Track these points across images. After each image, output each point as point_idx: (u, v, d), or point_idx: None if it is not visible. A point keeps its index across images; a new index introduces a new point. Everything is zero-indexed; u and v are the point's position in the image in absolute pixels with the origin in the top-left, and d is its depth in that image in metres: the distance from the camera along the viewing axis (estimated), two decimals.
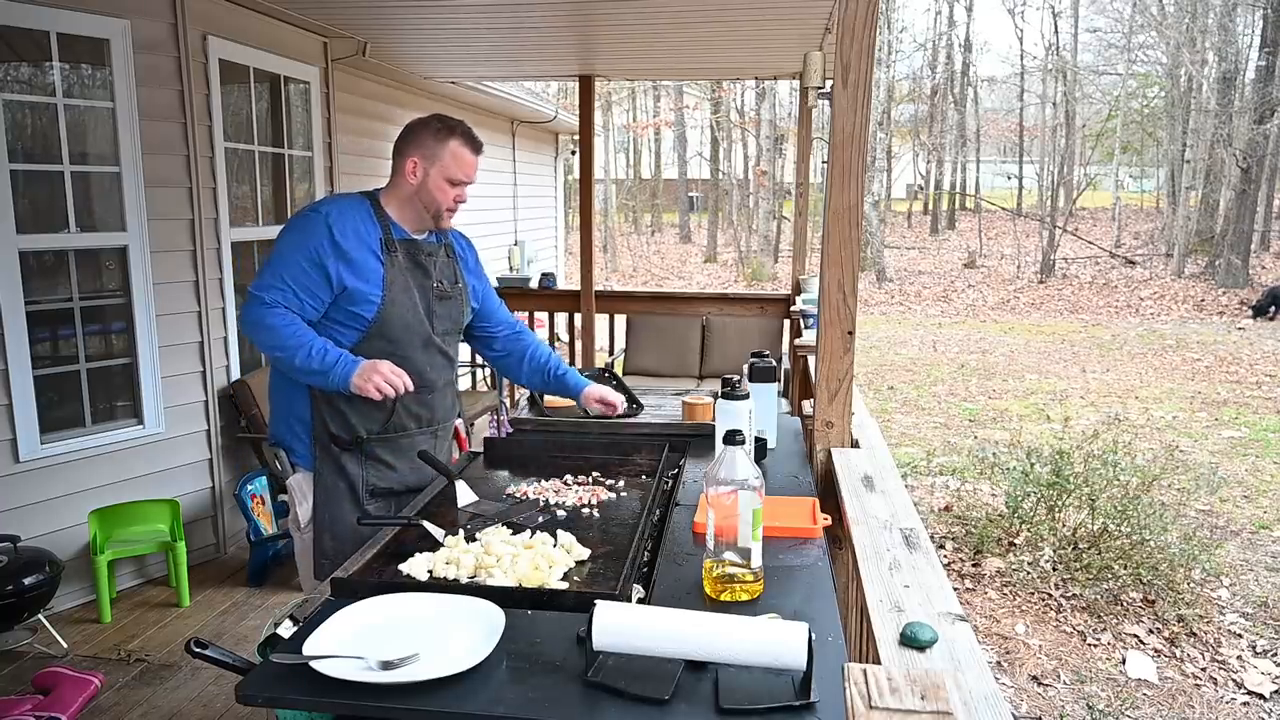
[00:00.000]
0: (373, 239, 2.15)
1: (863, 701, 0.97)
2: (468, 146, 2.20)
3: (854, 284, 2.17)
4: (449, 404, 2.43)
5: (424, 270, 2.25)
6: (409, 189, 2.20)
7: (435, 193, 2.18)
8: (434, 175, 2.17)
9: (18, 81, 3.58)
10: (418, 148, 2.18)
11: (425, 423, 2.32)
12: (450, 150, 2.17)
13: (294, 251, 2.10)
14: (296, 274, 2.08)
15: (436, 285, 2.27)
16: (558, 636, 1.31)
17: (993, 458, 5.41)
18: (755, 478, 1.45)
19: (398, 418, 2.23)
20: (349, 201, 2.21)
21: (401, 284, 2.18)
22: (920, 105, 25.74)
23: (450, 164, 2.17)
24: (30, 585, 3.23)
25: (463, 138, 2.19)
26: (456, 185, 2.20)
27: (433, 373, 2.29)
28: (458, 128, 2.20)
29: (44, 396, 3.55)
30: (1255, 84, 17.22)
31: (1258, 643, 3.84)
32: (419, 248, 2.25)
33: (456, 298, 2.34)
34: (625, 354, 6.17)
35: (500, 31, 4.88)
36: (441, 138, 2.17)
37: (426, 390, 2.28)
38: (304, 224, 2.13)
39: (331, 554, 2.19)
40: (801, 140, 5.92)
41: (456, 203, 2.22)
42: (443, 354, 2.32)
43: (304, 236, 2.11)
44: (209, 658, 1.30)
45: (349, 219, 2.14)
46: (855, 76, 2.08)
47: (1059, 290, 17.20)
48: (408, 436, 2.28)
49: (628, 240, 26.12)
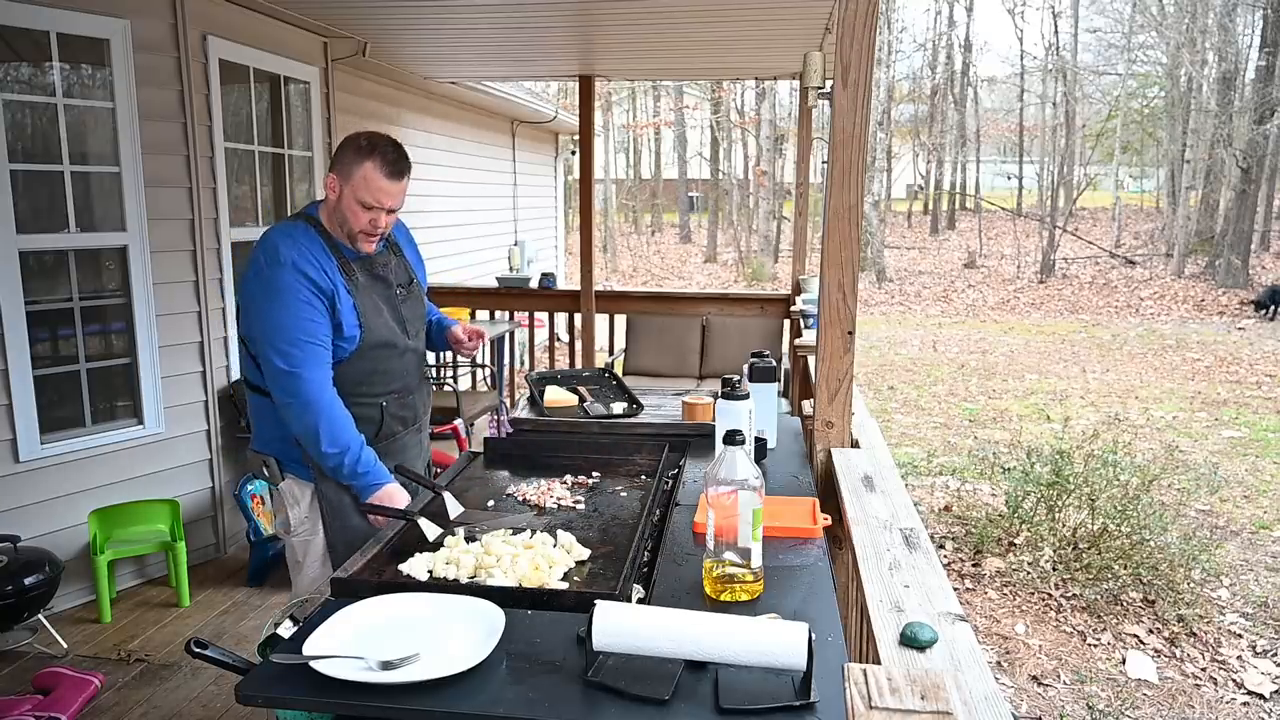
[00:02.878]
0: (333, 270, 2.09)
1: (863, 701, 0.97)
2: (383, 170, 2.05)
3: (854, 284, 2.17)
4: (426, 399, 2.47)
5: (384, 281, 2.22)
6: (332, 206, 2.13)
7: (348, 214, 2.08)
8: (346, 195, 2.07)
9: (18, 81, 3.58)
10: (338, 164, 2.09)
11: (410, 423, 2.34)
12: (363, 172, 2.04)
13: (294, 307, 2.02)
14: (309, 325, 2.02)
15: (398, 291, 2.26)
16: (558, 636, 1.31)
17: (993, 458, 5.41)
18: (755, 478, 1.45)
19: (387, 426, 2.25)
20: (297, 235, 2.11)
21: (371, 306, 2.16)
22: (920, 105, 25.74)
23: (360, 186, 2.05)
24: (30, 585, 3.23)
25: (380, 160, 2.05)
26: (370, 210, 2.07)
27: (411, 374, 2.32)
28: (379, 148, 2.07)
29: (44, 396, 3.54)
30: (1255, 84, 17.23)
31: (1258, 643, 3.84)
32: (373, 262, 2.20)
33: (416, 294, 2.34)
34: (625, 354, 6.17)
35: (500, 31, 4.88)
36: (359, 157, 2.06)
37: (406, 392, 2.30)
38: (280, 279, 2.03)
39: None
40: (801, 140, 5.92)
41: (374, 227, 2.10)
42: (416, 353, 2.33)
43: (291, 290, 2.02)
44: (209, 658, 1.30)
45: (309, 259, 2.06)
46: (855, 76, 2.08)
47: (1059, 290, 17.20)
48: (397, 440, 2.30)
49: (628, 240, 26.13)
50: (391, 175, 2.07)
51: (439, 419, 4.85)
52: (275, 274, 2.04)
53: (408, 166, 2.12)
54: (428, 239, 7.17)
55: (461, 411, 4.89)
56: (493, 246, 8.96)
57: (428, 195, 7.32)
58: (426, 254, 2.57)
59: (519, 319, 6.84)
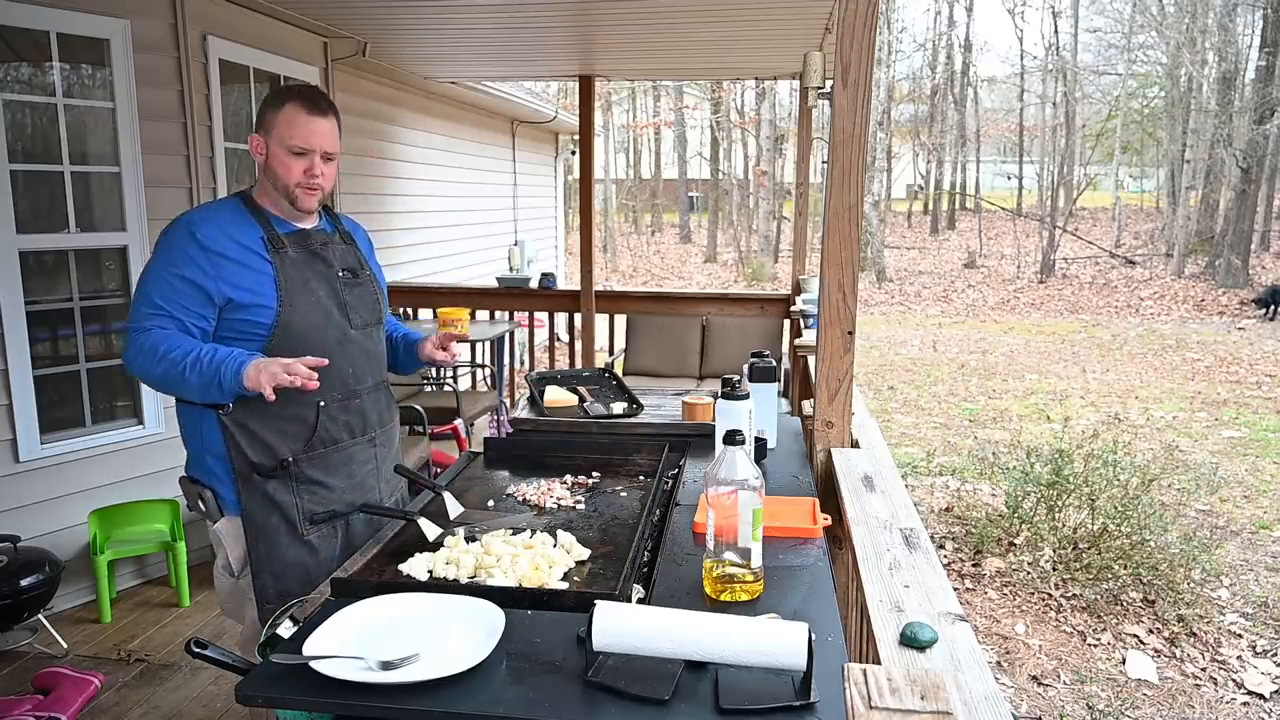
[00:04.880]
0: (252, 239, 1.94)
1: (863, 701, 0.97)
2: (304, 107, 1.94)
3: (854, 284, 2.17)
4: (384, 406, 2.19)
5: (323, 260, 2.04)
6: (261, 171, 2.00)
7: (278, 168, 1.95)
8: (273, 148, 1.95)
9: (18, 81, 3.58)
10: (259, 122, 1.98)
11: (358, 431, 2.09)
12: (284, 115, 1.93)
13: (162, 269, 1.89)
14: (169, 292, 1.87)
15: (342, 273, 2.06)
16: (558, 636, 1.31)
17: (993, 458, 5.41)
18: (755, 478, 1.45)
19: (323, 430, 2.01)
20: (216, 206, 2.03)
21: (299, 281, 1.97)
22: (920, 105, 25.74)
23: (284, 130, 1.93)
24: (30, 585, 3.23)
25: (299, 99, 1.95)
26: (300, 155, 1.94)
27: (355, 374, 2.07)
28: (296, 90, 1.98)
29: (44, 396, 3.55)
30: (1255, 84, 17.23)
31: (1258, 643, 3.84)
32: (310, 237, 2.04)
33: (366, 284, 2.13)
34: (625, 354, 6.17)
35: (500, 31, 4.88)
36: (276, 103, 1.95)
37: (352, 396, 2.06)
38: (167, 240, 1.92)
39: (276, 597, 1.97)
40: (801, 140, 5.92)
41: (309, 177, 1.96)
42: (364, 350, 2.10)
43: (169, 253, 1.90)
44: (209, 658, 1.30)
45: (216, 223, 1.93)
46: (855, 76, 2.08)
47: (1059, 290, 17.21)
48: (341, 450, 2.06)
49: (628, 240, 26.13)
50: (313, 111, 1.95)
51: (439, 419, 4.85)
52: (168, 231, 1.95)
53: (329, 104, 2.01)
54: (428, 239, 7.20)
55: (461, 411, 4.89)
56: (493, 246, 8.96)
57: (428, 195, 7.32)
58: (426, 254, 2.57)
59: (519, 319, 6.84)
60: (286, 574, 2.01)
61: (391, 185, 6.61)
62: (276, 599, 1.96)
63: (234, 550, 2.03)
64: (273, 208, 2.02)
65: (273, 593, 2.00)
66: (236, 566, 2.04)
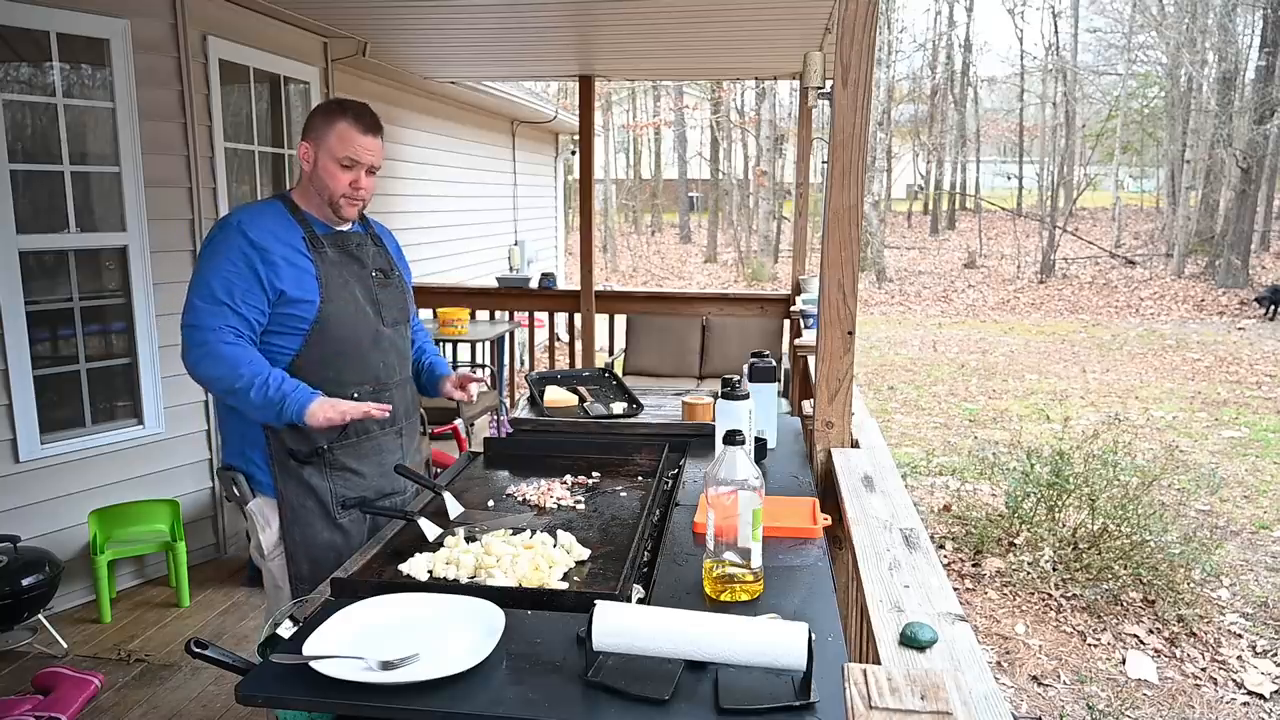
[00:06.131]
0: (295, 238, 2.06)
1: (863, 701, 0.98)
2: (357, 126, 2.06)
3: (854, 284, 2.17)
4: (409, 400, 2.32)
5: (358, 261, 2.16)
6: (307, 177, 2.11)
7: (326, 178, 2.07)
8: (323, 158, 2.07)
9: (18, 81, 3.58)
10: (309, 131, 2.09)
11: (387, 422, 2.21)
12: (337, 131, 2.05)
13: (220, 264, 1.98)
14: (230, 285, 1.97)
15: (375, 273, 2.19)
16: (558, 636, 1.31)
17: (993, 458, 5.41)
18: (755, 478, 1.45)
19: (356, 421, 2.11)
20: (259, 207, 2.12)
21: (338, 280, 2.09)
22: (920, 105, 25.73)
23: (336, 144, 2.05)
24: (30, 585, 3.23)
25: (353, 116, 2.07)
26: (348, 168, 2.07)
27: (386, 369, 2.20)
28: (350, 107, 2.09)
29: (44, 396, 3.54)
30: (1255, 84, 17.23)
31: (1258, 643, 3.84)
32: (346, 238, 2.16)
33: (396, 284, 2.26)
34: (625, 354, 6.17)
35: (500, 31, 4.88)
36: (331, 118, 2.07)
37: (383, 389, 2.19)
38: (219, 237, 2.02)
39: (309, 577, 2.08)
40: (801, 140, 5.92)
41: (354, 189, 2.09)
42: (394, 346, 2.23)
43: (224, 248, 2.00)
44: (209, 658, 1.30)
45: (264, 222, 2.04)
46: (855, 76, 2.08)
47: (1059, 290, 17.20)
48: (371, 439, 2.19)
49: (628, 240, 26.13)
50: (366, 130, 2.07)
51: (439, 419, 4.85)
52: (217, 230, 2.05)
53: (378, 124, 2.12)
54: (428, 239, 7.20)
55: (461, 411, 4.89)
56: (493, 246, 8.96)
57: (428, 195, 7.33)
58: (426, 254, 2.59)
59: (519, 319, 6.84)
60: (320, 556, 2.10)
61: (392, 185, 6.61)
62: (311, 580, 2.05)
63: (263, 533, 2.12)
64: (313, 210, 2.13)
65: (307, 573, 2.10)
66: (267, 546, 2.13)
